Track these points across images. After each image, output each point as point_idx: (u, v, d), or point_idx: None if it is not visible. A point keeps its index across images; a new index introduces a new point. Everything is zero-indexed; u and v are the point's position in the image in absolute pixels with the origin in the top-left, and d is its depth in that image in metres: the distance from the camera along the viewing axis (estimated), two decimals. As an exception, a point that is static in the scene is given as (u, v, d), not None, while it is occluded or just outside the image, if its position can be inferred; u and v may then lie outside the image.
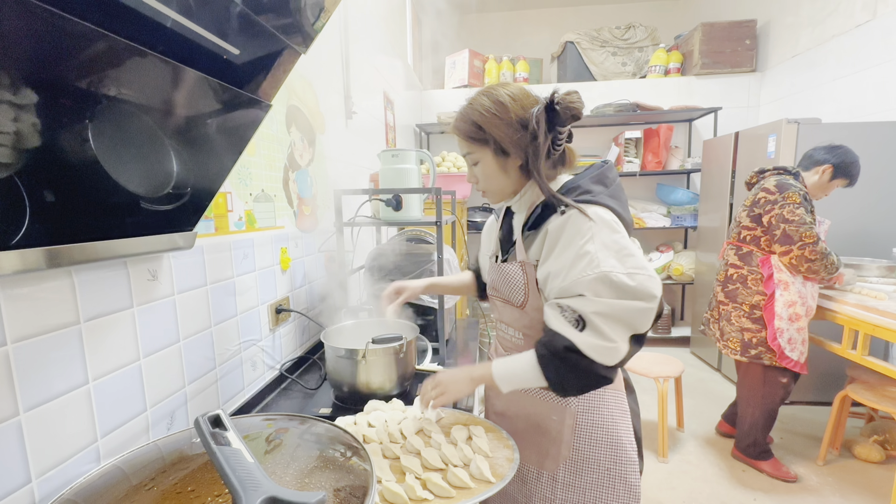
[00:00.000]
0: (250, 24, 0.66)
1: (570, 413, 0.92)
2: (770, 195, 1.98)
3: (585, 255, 0.77)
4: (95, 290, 0.72)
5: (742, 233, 2.11)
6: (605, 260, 0.76)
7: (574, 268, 0.78)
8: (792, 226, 1.90)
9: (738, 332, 2.09)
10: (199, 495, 0.54)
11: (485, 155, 0.88)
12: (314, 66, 1.64)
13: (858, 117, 2.80)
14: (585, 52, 4.11)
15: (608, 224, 0.80)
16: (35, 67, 0.47)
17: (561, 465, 0.93)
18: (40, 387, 0.63)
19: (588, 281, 0.76)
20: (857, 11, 2.82)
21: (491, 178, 0.90)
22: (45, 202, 0.56)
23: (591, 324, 0.76)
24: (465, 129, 0.88)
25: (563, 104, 0.81)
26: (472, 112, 0.86)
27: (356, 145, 2.15)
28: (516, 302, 0.93)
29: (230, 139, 0.82)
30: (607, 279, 0.76)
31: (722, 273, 2.22)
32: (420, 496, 0.72)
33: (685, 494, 2.03)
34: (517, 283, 0.91)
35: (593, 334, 0.76)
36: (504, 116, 0.83)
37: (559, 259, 0.81)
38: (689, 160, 3.88)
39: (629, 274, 0.76)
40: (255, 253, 1.23)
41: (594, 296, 0.76)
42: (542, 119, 0.82)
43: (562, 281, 0.79)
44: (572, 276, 0.78)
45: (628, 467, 0.92)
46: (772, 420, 2.13)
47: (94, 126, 0.58)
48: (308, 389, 1.30)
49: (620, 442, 0.92)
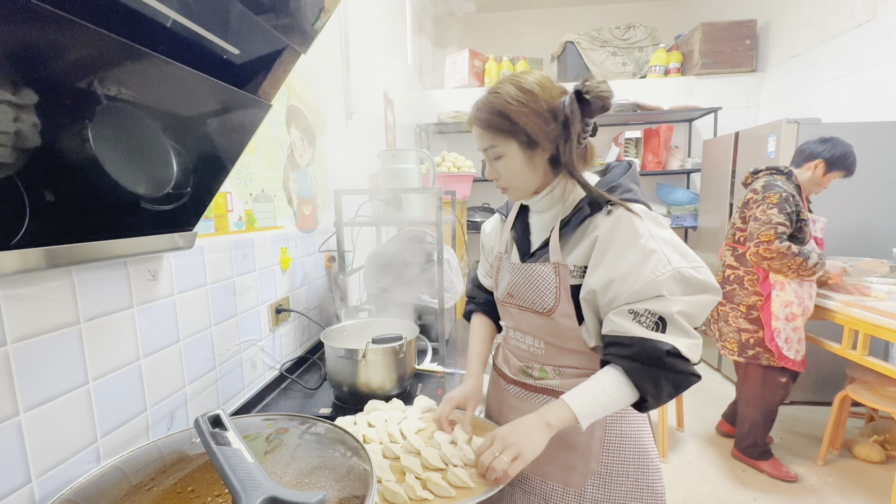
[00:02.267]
0: (250, 23, 0.66)
1: (598, 425, 0.87)
2: (756, 195, 2.00)
3: (652, 253, 0.74)
4: (95, 290, 0.72)
5: (736, 234, 2.13)
6: (672, 257, 0.74)
7: (644, 268, 0.73)
8: (756, 223, 1.92)
9: (736, 333, 2.10)
10: (199, 495, 0.54)
11: (510, 148, 0.81)
12: (314, 66, 1.64)
13: (858, 117, 2.80)
14: (585, 52, 4.10)
15: (658, 221, 0.78)
16: (35, 67, 0.47)
17: (589, 479, 0.88)
18: (40, 387, 0.63)
19: (664, 280, 0.73)
20: (857, 11, 2.82)
21: (516, 172, 0.83)
22: (45, 202, 0.56)
23: (675, 324, 0.73)
24: (491, 120, 0.80)
25: (594, 93, 0.76)
26: (497, 101, 0.79)
27: (356, 145, 2.15)
28: (543, 307, 0.85)
29: (230, 139, 0.82)
30: (681, 276, 0.73)
31: (719, 274, 2.23)
32: (420, 496, 0.72)
33: (685, 494, 2.03)
34: (547, 286, 0.83)
35: (679, 334, 0.73)
36: (534, 105, 0.77)
37: (622, 261, 0.75)
38: (689, 160, 3.89)
39: (696, 268, 0.74)
40: (255, 253, 1.23)
41: (671, 294, 0.73)
42: (575, 108, 0.76)
43: (633, 283, 0.74)
44: (645, 277, 0.73)
45: (655, 475, 0.89)
46: (771, 420, 2.14)
47: (94, 126, 0.58)
48: (308, 389, 1.30)
49: (646, 449, 0.89)
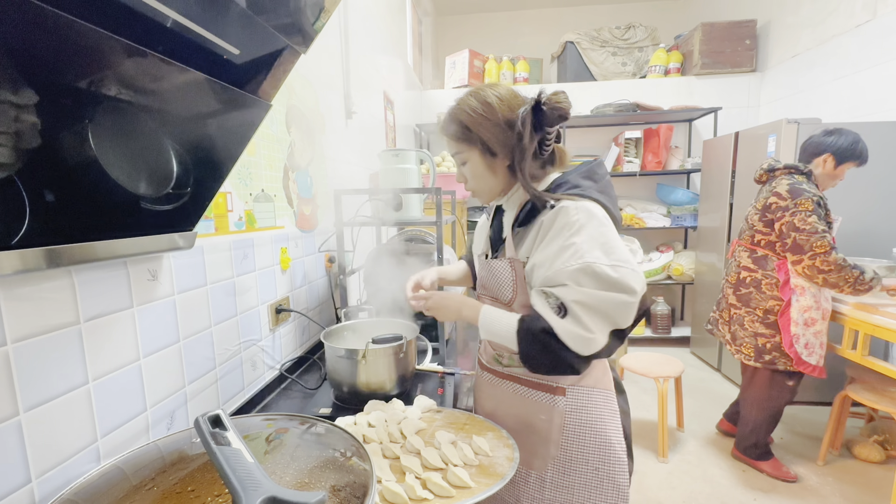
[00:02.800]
0: (250, 23, 0.66)
1: (558, 412, 0.93)
2: (782, 201, 1.91)
3: (571, 245, 0.79)
4: (95, 290, 0.72)
5: (756, 236, 2.05)
6: (589, 251, 0.78)
7: (559, 258, 0.80)
8: (803, 235, 1.84)
9: (752, 338, 2.05)
10: (199, 495, 0.54)
11: (473, 155, 0.89)
12: (314, 66, 1.64)
13: (858, 117, 2.80)
14: (585, 52, 4.11)
15: (596, 217, 0.82)
16: (35, 67, 0.47)
17: (549, 464, 0.94)
18: (40, 387, 0.63)
19: (571, 271, 0.78)
20: (857, 11, 2.82)
21: (479, 177, 0.92)
22: (45, 202, 0.56)
23: (572, 312, 0.78)
24: (453, 130, 0.89)
25: (550, 104, 0.82)
26: (459, 113, 0.87)
27: (356, 145, 2.15)
28: (504, 299, 0.94)
29: (230, 139, 0.82)
30: (590, 270, 0.77)
31: (734, 275, 2.15)
32: (420, 496, 0.72)
33: (685, 494, 2.03)
34: (505, 279, 0.92)
35: (573, 322, 0.78)
36: (491, 117, 0.84)
37: (546, 250, 0.83)
38: (689, 160, 3.88)
39: (612, 266, 0.78)
40: (255, 253, 1.23)
41: (576, 285, 0.78)
42: (528, 120, 0.82)
43: (546, 270, 0.81)
44: (556, 266, 0.80)
45: (617, 467, 0.93)
46: (775, 422, 2.13)
47: (94, 126, 0.58)
48: (308, 389, 1.30)
49: (609, 441, 0.93)
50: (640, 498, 1.99)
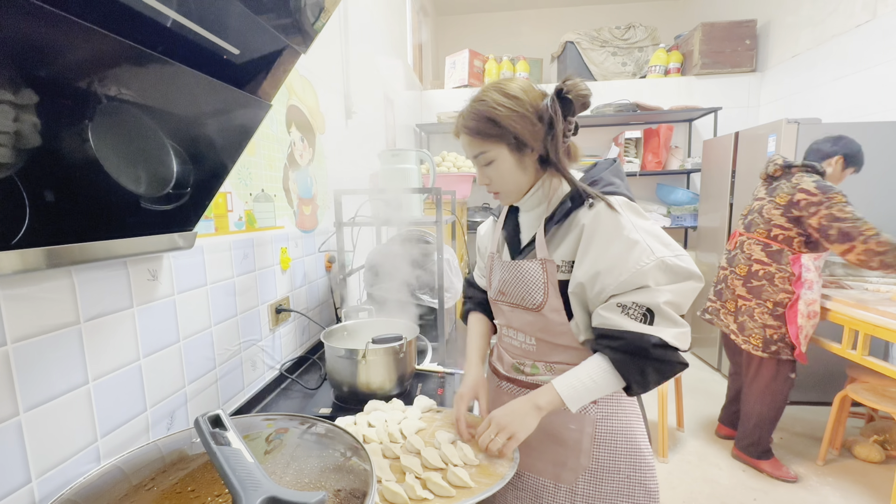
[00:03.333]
0: (250, 23, 0.66)
1: (589, 421, 0.89)
2: (812, 197, 1.91)
3: (635, 244, 0.76)
4: (95, 290, 0.72)
5: (773, 230, 2.05)
6: (654, 246, 0.76)
7: (629, 259, 0.76)
8: (846, 223, 1.85)
9: (761, 329, 2.08)
10: (199, 495, 0.54)
11: (500, 152, 0.84)
12: (314, 66, 1.64)
13: (858, 117, 2.80)
14: (585, 52, 4.10)
15: (638, 212, 0.81)
16: (35, 67, 0.47)
17: (580, 476, 0.90)
18: (40, 387, 0.63)
19: (648, 270, 0.75)
20: (857, 11, 2.82)
21: (507, 175, 0.86)
22: (45, 202, 0.56)
23: (663, 314, 0.75)
24: (479, 127, 0.83)
25: (574, 92, 0.80)
26: (484, 108, 0.82)
27: (356, 145, 2.15)
28: (532, 304, 0.88)
29: (230, 139, 0.81)
30: (665, 265, 0.75)
31: (744, 267, 2.15)
32: (420, 496, 0.72)
33: (685, 494, 2.03)
34: (535, 282, 0.86)
35: (668, 323, 0.75)
36: (519, 109, 0.80)
37: (606, 253, 0.78)
38: (689, 160, 3.88)
39: (678, 256, 0.77)
40: (255, 253, 1.23)
41: (657, 285, 0.75)
42: (557, 107, 0.80)
43: (619, 275, 0.76)
44: (630, 268, 0.75)
45: (647, 473, 0.90)
46: (778, 418, 2.14)
47: (94, 126, 0.58)
48: (308, 389, 1.30)
49: (638, 447, 0.90)
50: (640, 498, 1.99)
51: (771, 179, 2.15)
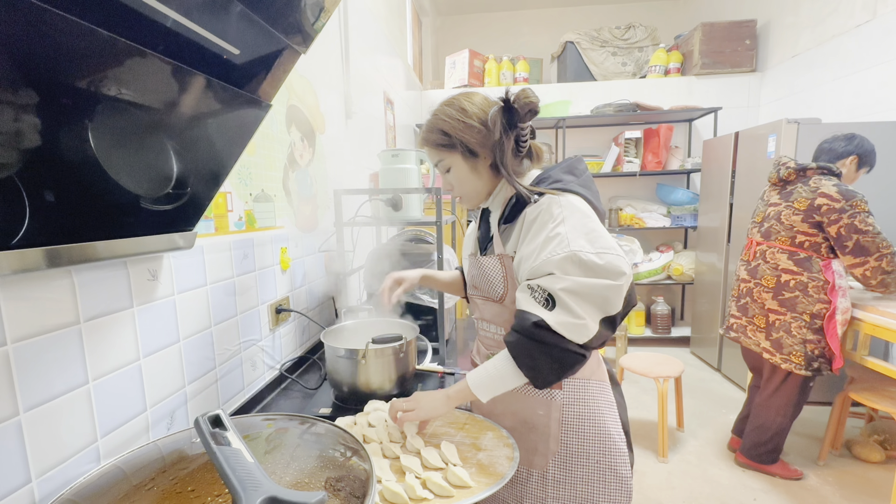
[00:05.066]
0: (250, 23, 0.66)
1: (555, 406, 0.93)
2: (834, 202, 1.81)
3: (556, 236, 0.80)
4: (95, 290, 0.72)
5: (798, 237, 1.92)
6: (574, 240, 0.79)
7: (544, 249, 0.80)
8: (867, 237, 1.77)
9: (801, 345, 1.91)
10: (199, 495, 0.54)
11: (455, 160, 0.92)
12: (314, 66, 1.64)
13: (858, 117, 2.80)
14: (585, 52, 4.10)
15: (579, 209, 0.84)
16: (35, 67, 0.47)
17: (550, 461, 0.93)
18: (40, 387, 0.63)
19: (557, 260, 0.78)
20: (857, 11, 2.82)
21: (464, 181, 0.94)
22: (45, 202, 0.56)
23: (560, 301, 0.78)
24: (433, 139, 0.92)
25: (519, 101, 0.85)
26: (436, 121, 0.92)
27: (356, 145, 2.15)
28: (495, 296, 0.94)
29: (230, 139, 0.82)
30: (576, 258, 0.78)
31: (771, 278, 2.01)
32: (420, 496, 0.72)
33: (685, 494, 2.03)
34: (495, 275, 0.93)
35: (563, 312, 0.78)
36: (466, 120, 0.88)
37: (531, 243, 0.84)
38: (689, 160, 3.88)
39: (598, 253, 0.78)
40: (254, 253, 1.23)
41: (563, 274, 0.78)
42: (498, 117, 0.86)
43: (532, 262, 0.82)
44: (542, 257, 0.80)
45: (618, 458, 0.93)
46: (792, 423, 2.08)
47: (93, 126, 0.58)
48: (308, 389, 1.30)
49: (608, 433, 0.93)
50: (641, 498, 1.99)
51: (784, 184, 2.02)
